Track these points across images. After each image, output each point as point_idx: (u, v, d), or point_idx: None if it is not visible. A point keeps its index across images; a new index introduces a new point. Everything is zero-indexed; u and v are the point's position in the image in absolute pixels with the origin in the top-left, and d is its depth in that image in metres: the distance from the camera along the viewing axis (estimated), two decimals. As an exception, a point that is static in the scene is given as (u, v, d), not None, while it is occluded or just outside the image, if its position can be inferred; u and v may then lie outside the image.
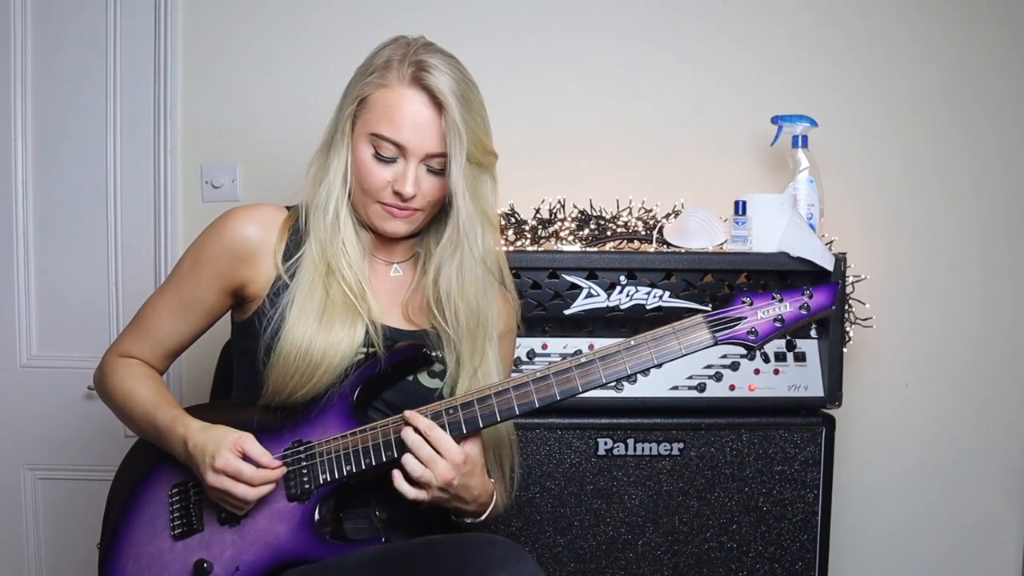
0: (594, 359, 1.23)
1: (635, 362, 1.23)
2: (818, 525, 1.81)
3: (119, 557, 1.31)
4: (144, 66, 2.18)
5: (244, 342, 1.38)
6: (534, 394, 1.23)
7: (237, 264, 1.35)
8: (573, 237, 1.92)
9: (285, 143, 2.17)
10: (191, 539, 1.29)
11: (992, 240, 2.21)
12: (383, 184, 1.31)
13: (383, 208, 1.33)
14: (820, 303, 1.25)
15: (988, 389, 2.22)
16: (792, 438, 1.80)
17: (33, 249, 2.23)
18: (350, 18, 2.17)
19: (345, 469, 1.26)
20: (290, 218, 1.38)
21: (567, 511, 1.79)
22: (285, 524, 1.27)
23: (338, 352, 1.29)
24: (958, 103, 2.20)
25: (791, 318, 1.25)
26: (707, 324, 1.24)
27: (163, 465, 1.35)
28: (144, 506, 1.33)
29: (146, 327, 1.40)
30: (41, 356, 2.25)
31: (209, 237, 1.37)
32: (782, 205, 1.88)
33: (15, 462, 2.25)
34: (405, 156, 1.30)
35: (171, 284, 1.40)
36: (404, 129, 1.28)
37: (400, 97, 1.29)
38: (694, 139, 2.18)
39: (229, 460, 1.22)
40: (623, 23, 2.19)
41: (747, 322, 1.24)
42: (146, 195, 2.20)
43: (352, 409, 1.30)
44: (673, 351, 1.23)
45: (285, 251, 1.35)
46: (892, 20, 2.19)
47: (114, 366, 1.41)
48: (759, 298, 1.25)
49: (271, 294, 1.34)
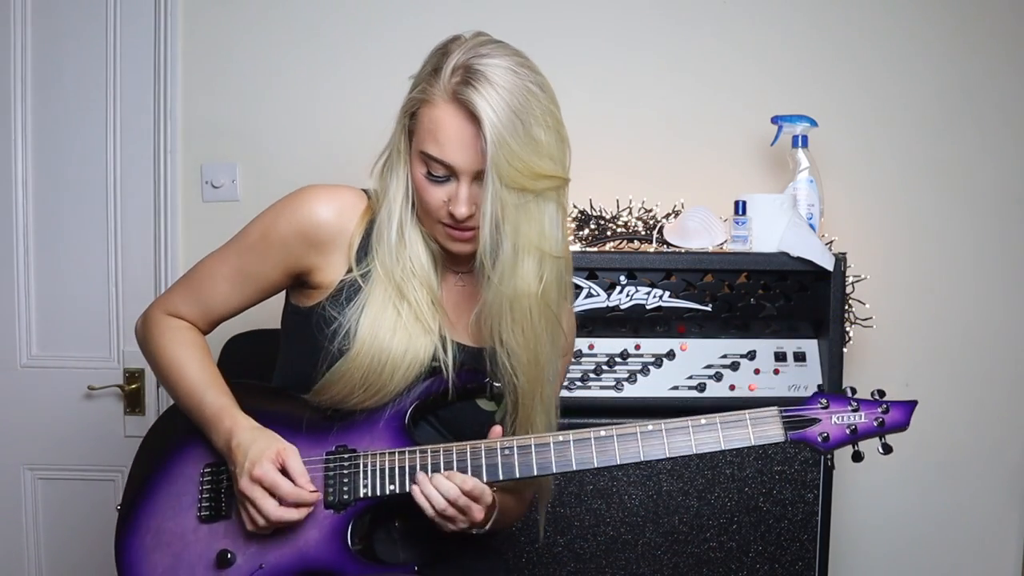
0: (661, 430, 1.21)
1: (701, 442, 1.21)
2: (818, 525, 1.81)
3: (139, 526, 1.27)
4: (144, 66, 2.18)
5: (302, 329, 1.30)
6: (595, 456, 1.20)
7: (308, 250, 1.27)
8: (573, 237, 1.92)
9: (285, 143, 2.17)
10: (217, 524, 1.25)
11: (992, 240, 2.21)
12: (439, 204, 1.22)
13: (445, 230, 1.24)
14: (895, 420, 1.24)
15: (988, 389, 2.22)
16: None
17: (33, 249, 2.23)
18: (350, 18, 2.17)
19: (388, 488, 1.21)
20: (369, 208, 1.30)
21: (567, 511, 1.79)
22: (317, 530, 1.22)
23: (405, 367, 1.23)
24: (958, 103, 2.20)
25: (864, 430, 1.23)
26: (781, 419, 1.22)
27: (199, 441, 1.29)
28: (173, 479, 1.28)
29: (199, 289, 1.34)
30: (41, 356, 2.25)
31: (283, 214, 1.28)
32: (782, 205, 1.88)
33: (15, 462, 2.25)
34: (456, 176, 1.20)
35: (233, 252, 1.32)
36: (449, 149, 1.18)
37: (442, 115, 1.18)
38: (694, 139, 2.18)
39: (268, 471, 1.17)
40: (623, 23, 2.19)
41: (820, 425, 1.22)
42: (146, 195, 2.20)
43: (405, 424, 1.25)
44: (742, 438, 1.21)
45: (361, 243, 1.27)
46: (892, 20, 2.19)
47: (162, 325, 1.34)
48: (836, 402, 1.24)
49: (340, 289, 1.27)
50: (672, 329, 1.84)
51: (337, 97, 2.20)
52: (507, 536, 1.77)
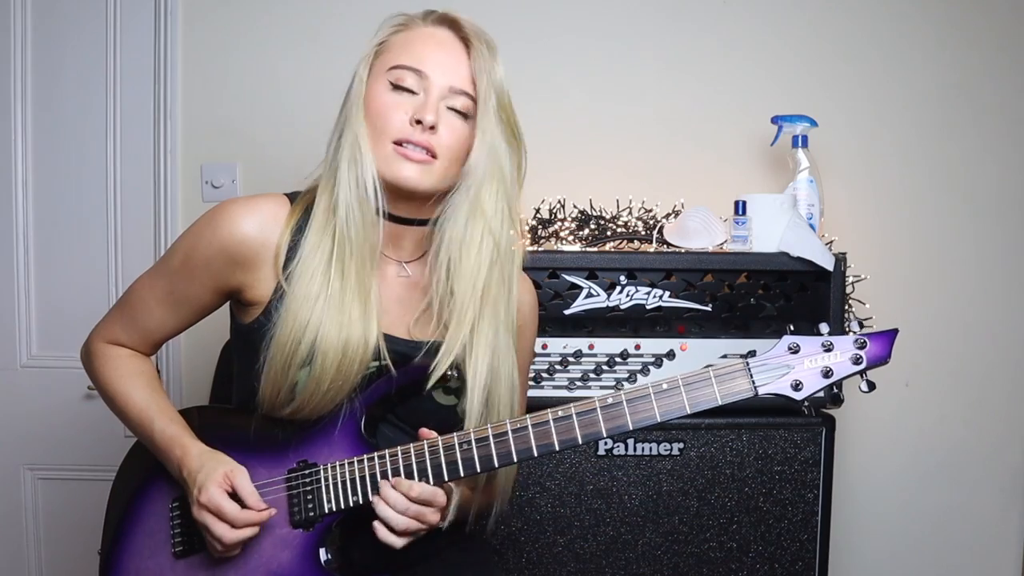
0: (621, 402, 1.13)
1: (666, 409, 1.12)
2: (818, 525, 1.81)
3: (119, 570, 1.26)
4: (144, 66, 2.18)
5: (245, 347, 1.28)
6: (554, 435, 1.13)
7: (233, 269, 1.23)
8: (573, 237, 1.92)
9: (285, 143, 2.17)
10: (192, 559, 1.24)
11: (992, 240, 2.21)
12: (400, 117, 1.18)
13: (395, 149, 1.19)
14: (875, 354, 1.12)
15: (987, 389, 2.22)
16: (792, 438, 1.80)
17: (33, 249, 2.24)
18: (350, 18, 2.17)
19: (352, 500, 1.19)
20: (295, 211, 1.25)
21: (567, 511, 1.79)
22: (288, 551, 1.21)
23: (345, 367, 1.19)
24: (958, 103, 2.20)
25: (840, 371, 1.12)
26: (749, 372, 1.12)
27: (164, 474, 1.28)
28: (145, 518, 1.27)
29: (135, 315, 1.31)
30: (41, 356, 2.25)
31: (202, 234, 1.24)
32: (782, 205, 1.88)
33: (15, 462, 2.25)
34: (427, 89, 1.18)
35: (161, 276, 1.29)
36: (428, 57, 1.18)
37: (423, 32, 1.20)
38: (694, 139, 2.18)
39: (213, 496, 1.15)
40: (623, 23, 2.19)
41: (792, 373, 1.12)
42: (146, 195, 2.20)
43: (362, 428, 1.23)
44: (709, 399, 1.12)
45: (288, 252, 1.22)
46: (892, 20, 2.19)
47: (103, 356, 1.32)
48: (807, 344, 1.13)
49: (273, 301, 1.23)
50: (672, 329, 1.84)
51: (337, 97, 2.19)
52: (507, 536, 1.77)
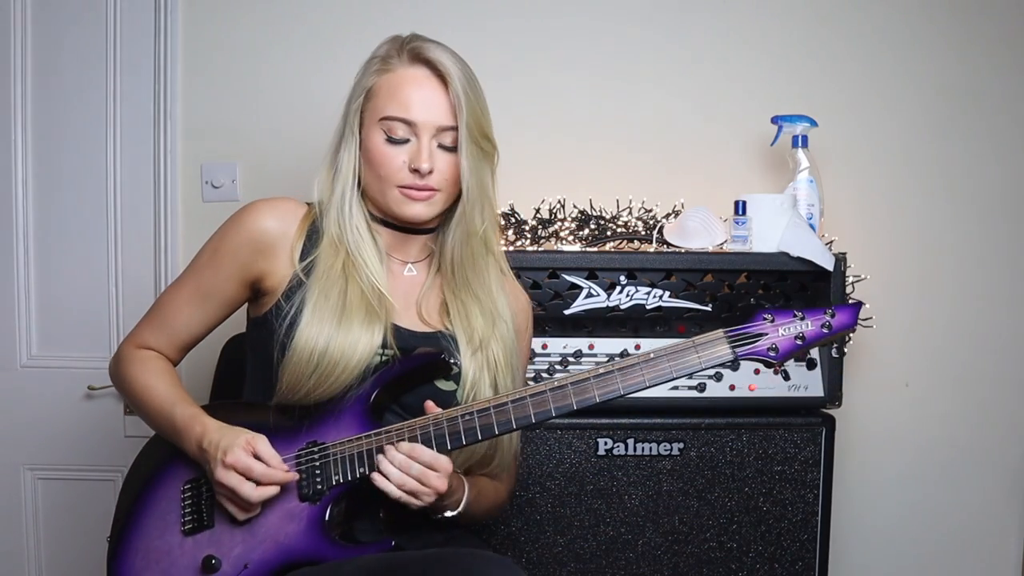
0: (613, 370, 1.24)
1: (654, 374, 1.24)
2: (818, 525, 1.81)
3: (128, 550, 1.31)
4: (144, 66, 2.18)
5: (259, 338, 1.38)
6: (551, 402, 1.24)
7: (256, 256, 1.36)
8: (573, 237, 1.92)
9: (285, 143, 2.17)
10: (201, 535, 1.29)
11: (992, 240, 2.21)
12: (399, 166, 1.32)
13: (401, 192, 1.33)
14: (842, 322, 1.26)
15: (988, 389, 2.22)
16: (792, 438, 1.80)
17: (33, 249, 2.23)
18: (349, 18, 2.17)
19: (358, 471, 1.27)
20: (309, 215, 1.39)
21: (567, 511, 1.79)
22: (295, 524, 1.27)
23: (355, 353, 1.29)
24: (958, 102, 2.20)
25: (812, 336, 1.25)
26: (727, 339, 1.25)
27: (177, 461, 1.35)
28: (156, 501, 1.33)
29: (163, 317, 1.41)
30: (41, 356, 2.25)
31: (230, 228, 1.38)
32: (782, 205, 1.88)
33: (15, 462, 2.25)
34: (417, 134, 1.32)
35: (190, 275, 1.41)
36: (413, 106, 1.31)
37: (404, 77, 1.32)
38: (694, 139, 2.18)
39: (240, 456, 1.23)
40: (622, 23, 2.19)
41: (768, 339, 1.25)
42: (146, 195, 2.20)
43: (368, 412, 1.30)
44: (692, 364, 1.25)
45: (303, 248, 1.36)
46: (893, 19, 2.19)
47: (131, 357, 1.41)
48: (780, 315, 1.26)
49: (287, 291, 1.34)
50: (672, 329, 1.84)
51: (337, 97, 2.19)
52: (507, 536, 1.77)
